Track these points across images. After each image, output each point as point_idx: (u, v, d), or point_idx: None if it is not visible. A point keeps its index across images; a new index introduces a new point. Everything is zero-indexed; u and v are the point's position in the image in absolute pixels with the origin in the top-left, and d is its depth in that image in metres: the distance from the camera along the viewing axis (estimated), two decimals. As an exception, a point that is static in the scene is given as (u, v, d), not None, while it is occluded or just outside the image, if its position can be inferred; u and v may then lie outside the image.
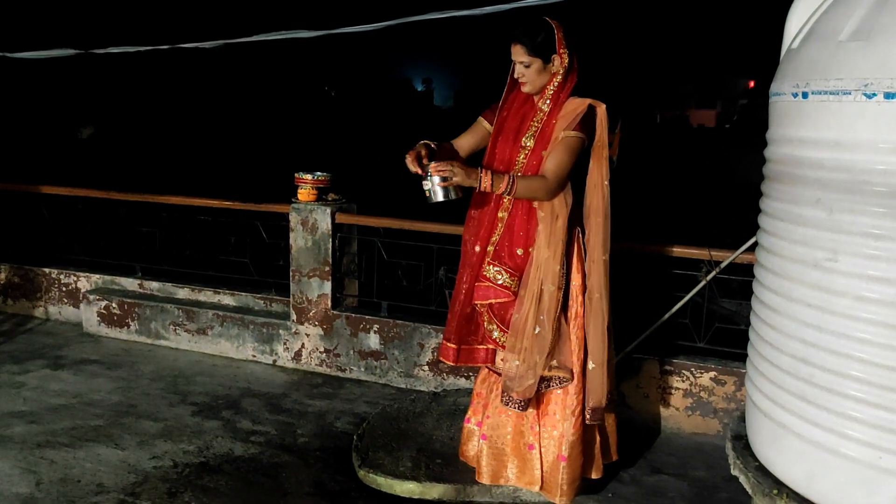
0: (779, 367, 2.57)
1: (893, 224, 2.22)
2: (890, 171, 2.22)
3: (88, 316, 5.17)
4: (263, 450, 3.55)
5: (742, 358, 3.11)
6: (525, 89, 2.95)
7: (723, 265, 3.71)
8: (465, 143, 3.15)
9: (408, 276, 4.56)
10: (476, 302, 3.03)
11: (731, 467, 2.87)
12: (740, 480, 2.80)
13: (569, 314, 2.97)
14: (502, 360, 3.01)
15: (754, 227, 2.90)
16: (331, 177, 4.61)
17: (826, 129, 2.36)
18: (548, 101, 2.93)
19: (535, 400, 3.01)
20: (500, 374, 3.05)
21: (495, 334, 3.01)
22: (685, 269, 3.86)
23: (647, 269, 3.95)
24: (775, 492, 2.56)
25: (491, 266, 2.99)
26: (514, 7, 4.01)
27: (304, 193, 4.54)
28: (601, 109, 2.89)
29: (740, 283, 3.71)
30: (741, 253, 3.63)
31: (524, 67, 2.88)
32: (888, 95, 2.19)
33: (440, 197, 2.77)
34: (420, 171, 2.81)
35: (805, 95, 2.43)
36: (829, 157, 2.36)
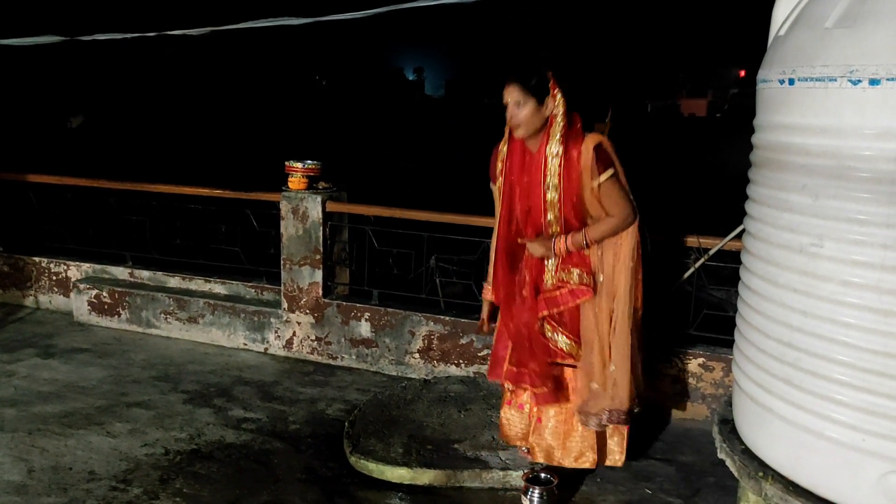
0: (765, 351, 2.59)
1: (878, 209, 2.24)
2: (875, 157, 2.23)
3: (79, 305, 5.16)
4: (255, 436, 3.57)
5: (730, 344, 3.13)
6: (518, 133, 2.94)
7: (711, 252, 3.74)
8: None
9: (399, 264, 4.58)
10: (547, 311, 3.05)
11: (718, 451, 2.90)
12: (727, 464, 2.83)
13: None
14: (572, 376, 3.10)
15: (744, 215, 2.92)
16: (321, 165, 4.60)
17: (812, 116, 2.38)
18: (558, 145, 2.91)
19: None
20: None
21: (562, 343, 3.05)
22: (675, 256, 3.88)
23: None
24: (761, 474, 2.60)
25: (563, 271, 3.04)
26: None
27: (295, 182, 4.54)
28: (605, 142, 2.93)
29: (729, 270, 3.73)
30: (730, 240, 3.65)
31: (517, 107, 2.89)
32: (873, 82, 2.20)
33: None
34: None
35: (791, 82, 2.44)
36: (815, 143, 2.37)
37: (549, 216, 2.98)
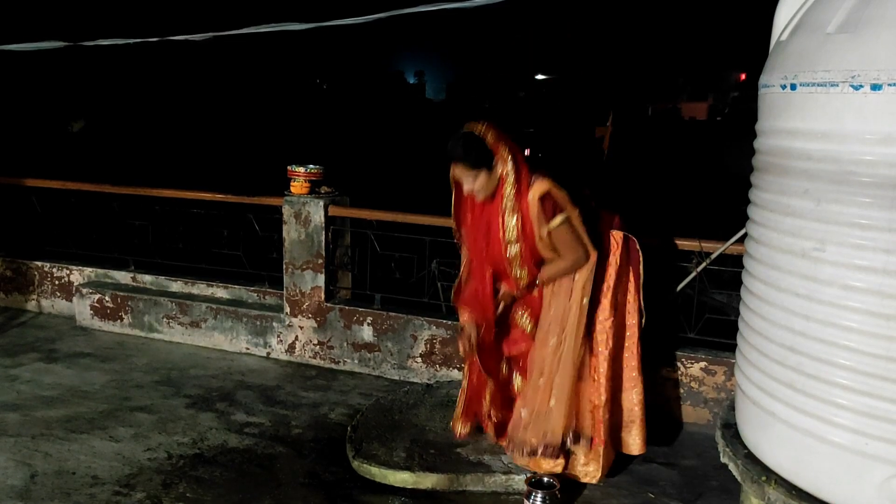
0: (767, 355, 2.60)
1: (879, 214, 2.25)
2: (876, 162, 2.24)
3: (81, 309, 5.17)
4: (258, 441, 3.57)
5: (731, 348, 3.14)
6: (479, 198, 2.99)
7: (713, 256, 3.75)
8: None
9: (401, 268, 4.58)
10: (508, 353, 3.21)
11: (721, 455, 2.90)
12: (730, 468, 2.83)
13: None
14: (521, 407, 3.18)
15: (745, 219, 2.93)
16: (323, 169, 4.61)
17: (814, 121, 2.39)
18: (512, 201, 2.92)
19: None
20: None
21: (516, 383, 3.23)
22: (676, 260, 3.89)
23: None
24: (764, 478, 2.60)
25: (516, 313, 3.17)
26: (506, -1, 4.02)
27: (297, 186, 4.55)
28: (553, 189, 2.91)
29: (731, 274, 3.74)
30: (731, 244, 3.66)
31: (472, 180, 2.91)
32: (874, 87, 2.21)
33: None
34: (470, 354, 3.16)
35: (793, 87, 2.45)
36: (817, 148, 2.38)
37: (516, 269, 3.03)
